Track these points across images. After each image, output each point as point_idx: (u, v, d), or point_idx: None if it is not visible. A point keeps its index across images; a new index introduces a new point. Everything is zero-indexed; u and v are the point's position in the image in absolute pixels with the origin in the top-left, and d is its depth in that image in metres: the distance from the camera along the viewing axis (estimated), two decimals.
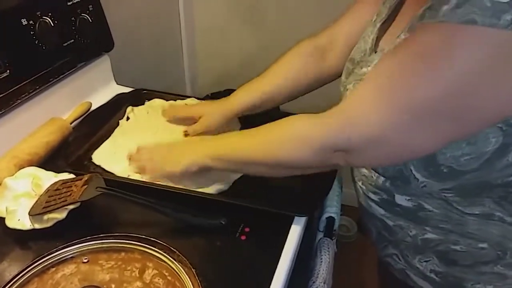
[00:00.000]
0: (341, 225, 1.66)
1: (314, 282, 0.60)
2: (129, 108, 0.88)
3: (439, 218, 0.56)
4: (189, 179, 0.68)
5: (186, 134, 0.79)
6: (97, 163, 0.74)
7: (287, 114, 0.86)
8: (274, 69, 0.76)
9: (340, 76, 0.73)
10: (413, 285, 0.65)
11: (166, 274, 0.54)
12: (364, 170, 0.61)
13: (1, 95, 0.70)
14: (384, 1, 0.63)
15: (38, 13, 0.74)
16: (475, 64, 0.40)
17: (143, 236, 0.57)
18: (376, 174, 0.58)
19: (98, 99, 0.90)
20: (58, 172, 0.67)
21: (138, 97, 0.93)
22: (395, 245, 0.64)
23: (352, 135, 0.48)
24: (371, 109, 0.47)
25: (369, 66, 0.56)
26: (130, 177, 0.70)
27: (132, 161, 0.70)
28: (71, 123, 0.81)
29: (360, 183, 0.64)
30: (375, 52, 0.59)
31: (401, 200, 0.57)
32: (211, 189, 0.68)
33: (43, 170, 0.67)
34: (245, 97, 0.76)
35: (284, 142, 0.56)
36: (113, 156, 0.76)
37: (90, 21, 0.85)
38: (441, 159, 0.48)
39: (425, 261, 0.61)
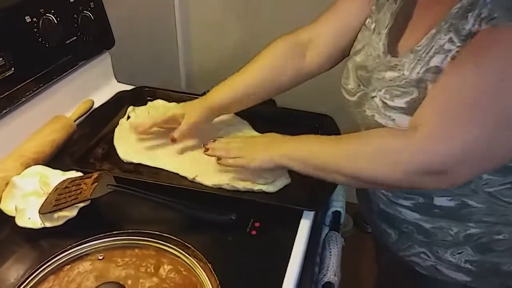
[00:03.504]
0: None
1: (325, 274, 0.61)
2: (130, 108, 0.87)
3: (484, 212, 0.57)
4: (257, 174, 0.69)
5: (172, 139, 0.73)
6: (144, 162, 0.74)
7: (284, 109, 0.88)
8: (253, 67, 0.74)
9: (319, 73, 0.75)
10: (443, 278, 0.66)
11: (182, 269, 0.54)
12: None
13: (7, 93, 0.69)
14: (379, 9, 0.64)
15: (41, 10, 0.73)
16: None
17: (157, 233, 0.57)
18: None
19: (100, 97, 0.90)
20: (65, 170, 0.67)
21: (139, 95, 0.93)
22: (425, 244, 0.65)
23: (447, 157, 0.47)
24: (463, 126, 0.47)
25: (399, 69, 0.56)
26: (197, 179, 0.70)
27: (209, 149, 0.70)
28: (75, 121, 0.80)
29: (383, 191, 0.65)
30: (392, 56, 0.59)
31: (441, 201, 0.59)
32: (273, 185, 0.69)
33: (50, 169, 0.67)
34: (225, 94, 0.74)
35: (367, 157, 0.54)
36: (151, 152, 0.76)
37: (92, 18, 0.85)
38: None
39: (458, 253, 0.62)
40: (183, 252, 0.55)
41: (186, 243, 0.56)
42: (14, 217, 0.60)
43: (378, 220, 0.72)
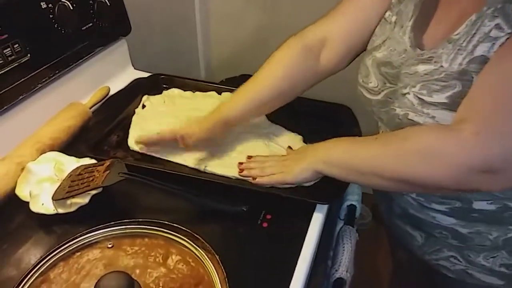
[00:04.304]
0: None
1: (337, 270, 0.60)
2: (145, 97, 0.87)
3: None
4: None
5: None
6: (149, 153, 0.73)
7: (304, 99, 0.85)
8: (267, 77, 0.69)
9: (337, 71, 0.70)
10: (473, 282, 0.64)
11: (190, 260, 0.54)
12: None
13: (23, 80, 0.69)
14: (400, 0, 0.60)
15: None
16: None
17: (167, 222, 0.57)
18: None
19: (116, 84, 0.89)
20: (80, 157, 0.68)
21: (155, 82, 0.92)
22: (456, 248, 0.62)
23: (508, 151, 0.43)
24: None
25: (435, 62, 0.52)
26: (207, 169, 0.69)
27: (243, 168, 0.68)
28: (90, 108, 0.81)
29: (413, 195, 0.62)
30: (419, 49, 0.55)
31: (481, 205, 0.56)
32: None
33: (65, 155, 0.68)
34: (238, 109, 0.69)
35: (416, 156, 0.49)
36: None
37: (108, 4, 0.84)
38: None
39: (491, 257, 0.60)
40: (192, 243, 0.55)
41: (195, 234, 0.55)
42: (28, 203, 0.61)
43: (401, 222, 0.69)
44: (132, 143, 0.75)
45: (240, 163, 0.69)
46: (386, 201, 0.71)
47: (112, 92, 0.88)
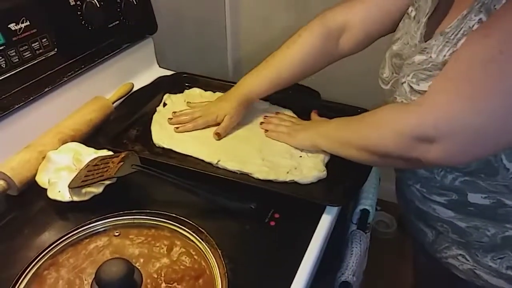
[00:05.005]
0: (380, 221, 1.62)
1: (343, 273, 0.59)
2: (166, 95, 0.88)
3: None
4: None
5: (218, 134, 0.76)
6: (174, 148, 0.75)
7: (328, 102, 0.85)
8: (288, 56, 0.75)
9: (347, 56, 0.76)
10: (482, 284, 0.63)
11: (193, 253, 0.54)
12: (424, 172, 0.60)
13: (49, 73, 0.73)
14: None
15: None
16: None
17: (173, 215, 0.57)
18: (441, 174, 0.57)
19: (141, 81, 0.92)
20: (98, 149, 0.70)
21: (178, 81, 0.94)
22: (463, 246, 0.62)
23: (439, 121, 0.47)
24: (462, 96, 0.46)
25: (427, 52, 0.54)
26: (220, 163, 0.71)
27: (264, 122, 0.79)
28: (113, 103, 0.83)
29: (417, 186, 0.63)
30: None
31: (475, 198, 0.56)
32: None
33: (85, 146, 0.70)
34: (261, 86, 0.77)
35: (372, 126, 0.57)
36: (184, 140, 0.77)
37: (135, 3, 0.87)
38: None
39: (499, 259, 0.59)
40: (196, 236, 0.55)
41: (199, 228, 0.55)
42: (46, 189, 0.64)
43: (415, 218, 0.69)
44: (156, 139, 0.77)
45: (266, 117, 0.80)
46: (403, 199, 0.71)
47: (135, 89, 0.90)
